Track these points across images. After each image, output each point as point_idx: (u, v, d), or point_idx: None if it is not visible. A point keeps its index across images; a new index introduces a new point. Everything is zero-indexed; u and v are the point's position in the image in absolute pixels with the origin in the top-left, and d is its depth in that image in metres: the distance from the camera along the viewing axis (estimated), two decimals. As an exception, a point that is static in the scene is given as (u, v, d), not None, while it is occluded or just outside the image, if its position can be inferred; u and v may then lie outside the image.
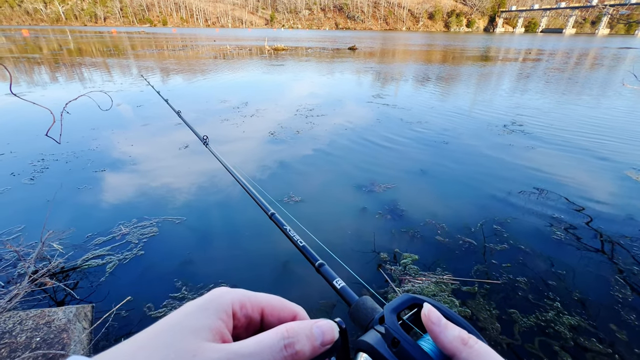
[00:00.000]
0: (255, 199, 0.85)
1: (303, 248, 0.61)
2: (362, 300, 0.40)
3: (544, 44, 39.15)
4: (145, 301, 1.95)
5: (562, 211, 2.99)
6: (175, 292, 2.02)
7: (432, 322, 0.28)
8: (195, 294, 2.01)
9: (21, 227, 2.61)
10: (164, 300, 1.97)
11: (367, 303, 0.40)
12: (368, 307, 0.39)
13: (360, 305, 0.40)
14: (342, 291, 0.46)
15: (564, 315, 1.89)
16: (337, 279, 0.49)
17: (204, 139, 1.40)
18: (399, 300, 0.33)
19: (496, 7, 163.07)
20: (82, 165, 3.82)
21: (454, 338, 0.26)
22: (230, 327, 0.26)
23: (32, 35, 39.34)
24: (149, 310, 1.89)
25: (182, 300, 1.97)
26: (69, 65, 12.58)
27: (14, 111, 6.02)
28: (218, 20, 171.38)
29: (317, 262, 0.55)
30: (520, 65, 15.46)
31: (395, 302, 0.33)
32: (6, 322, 1.52)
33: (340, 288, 0.47)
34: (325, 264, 0.53)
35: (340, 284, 0.48)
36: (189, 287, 2.07)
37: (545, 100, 7.66)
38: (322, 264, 0.54)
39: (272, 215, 0.76)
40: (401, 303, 0.33)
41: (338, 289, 0.47)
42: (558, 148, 4.60)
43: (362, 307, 0.39)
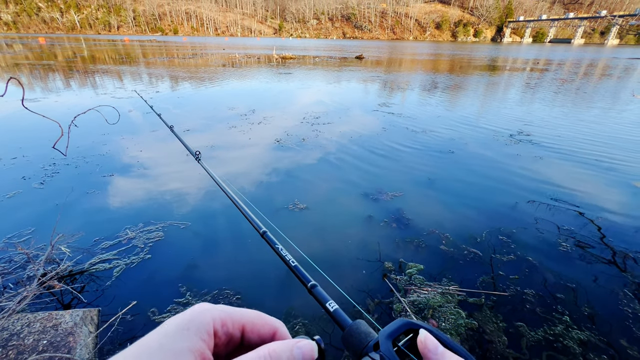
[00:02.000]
0: (247, 216, 0.82)
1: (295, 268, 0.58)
2: (355, 324, 0.38)
3: (552, 54, 39.02)
4: (150, 306, 1.96)
5: (570, 222, 2.94)
6: (180, 297, 2.03)
7: (428, 350, 0.27)
8: (199, 300, 2.02)
9: (31, 230, 2.67)
10: (168, 305, 1.98)
11: (360, 327, 0.38)
12: (362, 331, 0.37)
13: (353, 329, 0.38)
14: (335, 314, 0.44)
15: (573, 329, 1.85)
16: (330, 301, 0.47)
17: (197, 154, 1.37)
18: (394, 326, 0.32)
19: (504, 17, 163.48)
20: (91, 170, 3.90)
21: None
22: (211, 346, 0.26)
23: (48, 42, 40.57)
24: (153, 314, 1.90)
25: (186, 305, 1.97)
26: (82, 73, 12.92)
27: (29, 118, 6.19)
28: (228, 29, 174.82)
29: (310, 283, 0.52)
30: (528, 75, 15.42)
31: (390, 327, 0.32)
32: (14, 324, 1.54)
33: (334, 311, 0.44)
34: (317, 285, 0.51)
35: (334, 306, 0.45)
36: (194, 292, 2.08)
37: (553, 111, 7.61)
38: (315, 285, 0.51)
39: (264, 234, 0.74)
40: (397, 328, 0.32)
41: (331, 312, 0.45)
42: (566, 158, 4.55)
43: (355, 331, 0.37)
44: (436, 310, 1.95)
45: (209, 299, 2.02)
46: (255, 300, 2.04)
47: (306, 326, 1.84)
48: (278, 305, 2.00)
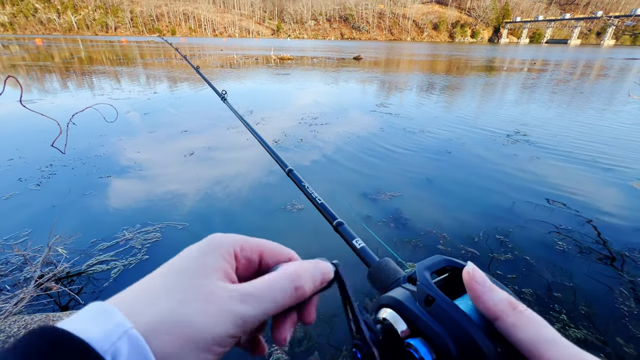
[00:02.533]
0: (273, 155, 0.80)
1: (321, 206, 0.56)
2: (384, 261, 0.37)
3: (549, 54, 39.26)
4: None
5: (567, 222, 2.96)
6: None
7: (476, 281, 0.25)
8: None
9: (28, 232, 2.65)
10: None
11: (389, 264, 0.37)
12: (391, 268, 0.36)
13: (382, 265, 0.37)
14: (362, 252, 0.42)
15: (570, 328, 1.86)
16: (357, 238, 0.45)
17: (223, 93, 1.37)
18: (432, 260, 0.30)
19: (501, 18, 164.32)
20: (88, 171, 3.88)
21: (501, 300, 0.24)
22: (233, 268, 0.27)
23: (45, 44, 40.41)
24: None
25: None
26: (79, 74, 12.87)
27: (25, 118, 6.15)
28: (225, 30, 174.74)
29: (336, 220, 0.51)
30: (525, 75, 15.50)
31: (428, 261, 0.30)
32: (11, 326, 1.53)
33: (360, 248, 0.43)
34: (344, 223, 0.49)
35: (360, 244, 0.44)
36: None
37: (550, 111, 7.65)
38: (341, 222, 0.50)
39: (289, 172, 0.71)
40: (435, 263, 0.30)
41: (357, 249, 0.43)
42: (563, 159, 4.57)
43: (384, 268, 0.36)
44: None
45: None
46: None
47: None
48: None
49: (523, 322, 0.23)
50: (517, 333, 0.22)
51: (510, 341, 0.23)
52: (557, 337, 0.22)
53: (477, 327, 0.24)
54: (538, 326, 0.22)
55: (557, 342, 0.21)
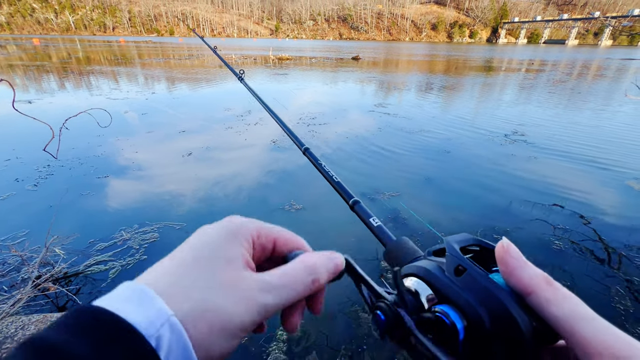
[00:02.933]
0: (290, 134, 0.81)
1: (337, 184, 0.56)
2: (403, 239, 0.36)
3: (547, 55, 39.41)
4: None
5: (564, 221, 2.97)
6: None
7: (511, 256, 0.24)
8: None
9: (25, 232, 2.64)
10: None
11: (408, 243, 0.36)
12: (410, 247, 0.35)
13: (402, 243, 0.36)
14: (378, 230, 0.42)
15: (568, 327, 1.87)
16: (374, 217, 0.44)
17: (240, 73, 1.39)
18: (461, 237, 0.29)
19: (499, 19, 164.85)
20: (85, 172, 3.87)
21: (537, 275, 0.23)
22: (251, 255, 0.28)
23: (42, 44, 40.25)
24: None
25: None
26: (77, 74, 12.83)
27: (23, 119, 6.13)
28: (224, 30, 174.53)
29: (352, 199, 0.50)
30: (523, 75, 15.55)
31: (457, 236, 0.29)
32: (8, 327, 1.53)
33: (377, 227, 0.42)
34: (360, 202, 0.48)
35: (377, 222, 0.43)
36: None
37: (547, 111, 7.68)
38: (357, 201, 0.49)
39: (305, 151, 0.72)
40: (464, 239, 0.29)
41: (374, 227, 0.42)
42: (560, 158, 4.59)
43: (404, 245, 0.36)
44: None
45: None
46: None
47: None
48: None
49: (558, 298, 0.22)
50: (552, 308, 0.22)
51: (543, 317, 0.22)
52: (594, 315, 0.21)
53: (513, 300, 0.23)
54: (574, 303, 0.22)
55: (595, 319, 0.20)
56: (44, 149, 1.92)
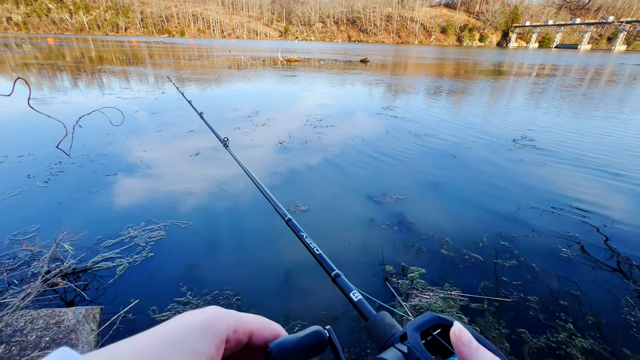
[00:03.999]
0: (273, 203, 0.83)
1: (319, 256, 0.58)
2: (380, 315, 0.39)
3: (559, 59, 38.85)
4: (151, 304, 1.97)
5: (574, 229, 2.92)
6: (180, 297, 2.04)
7: (462, 343, 0.26)
8: (199, 299, 2.02)
9: (36, 228, 2.69)
10: (169, 304, 1.98)
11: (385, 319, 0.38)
12: (387, 323, 0.37)
13: (378, 320, 0.38)
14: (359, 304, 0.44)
15: (576, 337, 1.83)
16: (354, 291, 0.46)
17: (225, 140, 1.41)
18: (423, 319, 0.31)
19: (509, 22, 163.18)
20: (95, 169, 3.93)
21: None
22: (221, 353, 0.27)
23: (57, 43, 41.12)
24: (154, 313, 1.91)
25: (187, 305, 1.98)
26: (89, 73, 13.07)
27: (36, 116, 6.27)
28: (234, 31, 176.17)
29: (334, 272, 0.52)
30: (534, 80, 15.35)
31: (419, 320, 0.31)
32: (18, 321, 1.56)
33: (357, 301, 0.44)
34: (341, 275, 0.50)
35: (358, 296, 0.45)
36: (194, 292, 2.09)
37: (558, 116, 7.57)
38: (338, 274, 0.51)
39: (288, 221, 0.74)
40: (425, 322, 0.31)
41: (355, 302, 0.44)
42: (571, 164, 4.51)
43: (380, 322, 0.38)
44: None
45: (210, 299, 2.03)
46: (254, 302, 2.04)
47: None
48: (277, 306, 2.00)
49: None
50: None
51: None
52: None
53: None
54: None
55: None
56: (57, 146, 1.96)
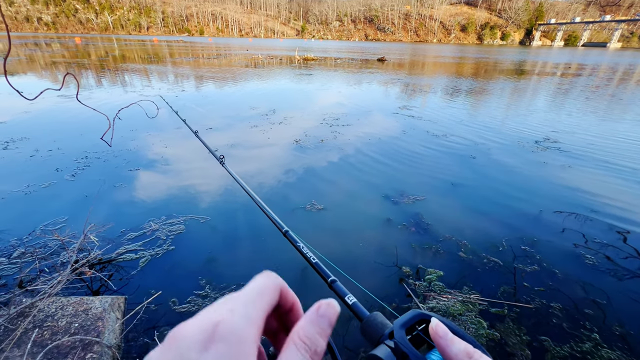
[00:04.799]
0: (270, 216, 0.87)
1: (316, 265, 0.62)
2: (372, 315, 0.42)
3: (586, 58, 37.25)
4: (172, 296, 2.03)
5: (601, 235, 2.80)
6: (199, 290, 2.09)
7: (439, 336, 0.29)
8: (217, 293, 2.07)
9: (65, 219, 2.82)
10: (188, 296, 2.04)
11: (377, 319, 0.41)
12: (378, 322, 0.40)
13: (371, 320, 0.41)
14: (354, 307, 0.48)
15: (602, 348, 1.76)
16: (349, 295, 0.50)
17: (221, 158, 1.43)
18: (407, 316, 0.34)
19: (533, 20, 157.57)
20: (118, 164, 4.08)
21: (460, 351, 0.27)
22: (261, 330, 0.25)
23: (83, 42, 42.77)
24: (174, 305, 1.97)
25: (205, 298, 2.03)
26: (112, 71, 13.53)
27: (61, 112, 6.54)
28: (251, 30, 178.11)
29: (330, 278, 0.56)
30: (558, 80, 14.79)
31: (404, 317, 0.34)
32: (49, 307, 1.64)
33: (352, 304, 0.48)
34: (337, 280, 0.54)
35: (352, 299, 0.49)
36: (213, 286, 2.13)
37: (584, 118, 7.26)
38: (334, 280, 0.55)
39: (286, 233, 0.78)
40: (410, 319, 0.34)
41: (350, 305, 0.48)
42: (598, 168, 4.33)
43: (372, 322, 0.41)
44: (456, 318, 1.91)
45: (227, 294, 2.07)
46: (273, 298, 2.06)
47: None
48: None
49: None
50: None
51: None
52: None
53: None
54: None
55: None
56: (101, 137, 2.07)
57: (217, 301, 0.25)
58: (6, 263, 2.25)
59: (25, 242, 2.48)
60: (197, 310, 1.79)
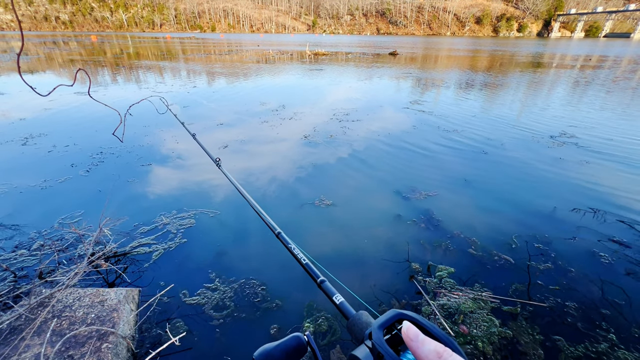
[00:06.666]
0: (264, 218, 0.89)
1: (306, 265, 0.64)
2: (358, 315, 0.43)
3: (608, 50, 35.75)
4: (183, 289, 2.08)
5: (619, 234, 2.70)
6: (209, 283, 2.13)
7: (410, 339, 0.30)
8: (227, 287, 2.10)
9: (81, 213, 2.91)
10: (198, 289, 2.08)
11: (362, 318, 0.42)
12: (363, 321, 0.42)
13: (356, 319, 0.42)
14: (341, 306, 0.50)
15: (619, 349, 1.71)
16: (337, 294, 0.52)
17: (217, 160, 1.48)
18: (386, 316, 0.35)
19: (552, 11, 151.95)
20: (131, 160, 4.17)
21: (430, 352, 0.28)
22: None
23: (98, 40, 43.68)
24: (185, 297, 2.01)
25: (215, 291, 2.06)
26: (127, 68, 13.78)
27: (81, 107, 6.72)
28: (262, 26, 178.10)
29: (319, 278, 0.58)
30: (577, 73, 14.26)
31: (383, 318, 0.35)
32: (67, 298, 1.70)
33: (340, 303, 0.50)
34: (326, 281, 0.57)
35: (340, 299, 0.51)
36: (222, 279, 2.17)
37: (604, 112, 6.99)
38: (324, 280, 0.57)
39: (278, 234, 0.80)
40: (389, 319, 0.35)
41: (337, 304, 0.51)
42: (617, 164, 4.17)
43: (357, 321, 0.42)
44: (467, 316, 1.89)
45: (236, 287, 2.10)
46: (280, 292, 2.08)
47: (329, 320, 1.85)
48: (301, 297, 2.03)
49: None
50: None
51: None
52: None
53: None
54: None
55: None
56: (113, 133, 2.11)
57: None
58: (27, 255, 2.34)
59: (44, 235, 2.57)
60: (207, 303, 1.82)
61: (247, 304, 1.99)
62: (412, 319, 0.34)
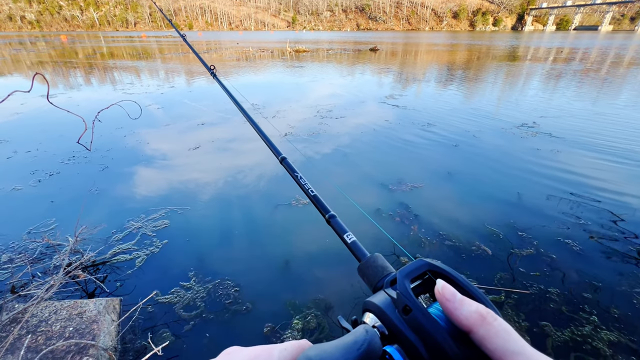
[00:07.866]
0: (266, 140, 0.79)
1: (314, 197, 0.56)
2: (373, 257, 0.39)
3: (577, 42, 37.22)
4: (166, 294, 2.00)
5: (594, 218, 2.81)
6: (192, 287, 2.07)
7: (446, 299, 0.27)
8: (207, 290, 2.04)
9: (52, 221, 2.76)
10: (182, 294, 2.01)
11: (377, 261, 0.38)
12: (379, 265, 0.38)
13: (371, 262, 0.38)
14: (353, 246, 0.44)
15: (602, 330, 1.77)
16: (348, 232, 0.47)
17: (212, 68, 1.39)
18: (413, 266, 0.31)
19: (525, 5, 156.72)
20: (108, 164, 4.00)
21: (471, 314, 0.25)
22: None
23: (69, 40, 41.77)
24: (168, 303, 1.94)
25: (193, 294, 2.00)
26: (101, 69, 13.25)
27: (53, 113, 6.40)
28: (241, 23, 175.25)
29: (329, 213, 0.51)
30: (550, 65, 14.77)
31: (409, 267, 0.31)
32: (43, 312, 1.60)
33: (351, 242, 0.45)
34: (336, 216, 0.50)
35: (351, 238, 0.45)
36: (203, 282, 2.11)
37: (576, 103, 7.27)
38: (333, 215, 0.51)
39: (282, 160, 0.70)
40: (416, 269, 0.31)
41: (349, 243, 0.45)
42: (590, 152, 4.34)
43: (372, 264, 0.38)
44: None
45: (220, 291, 2.05)
46: (265, 293, 2.05)
47: (317, 317, 1.83)
48: (290, 296, 2.00)
49: (491, 335, 0.24)
50: (487, 345, 0.24)
51: (484, 352, 0.24)
52: (523, 348, 0.23)
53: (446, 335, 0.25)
54: (504, 339, 0.24)
55: (522, 354, 0.22)
56: (77, 141, 1.98)
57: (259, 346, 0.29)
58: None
59: (14, 247, 2.43)
60: (190, 308, 1.75)
61: (230, 306, 1.94)
62: (443, 272, 0.30)
